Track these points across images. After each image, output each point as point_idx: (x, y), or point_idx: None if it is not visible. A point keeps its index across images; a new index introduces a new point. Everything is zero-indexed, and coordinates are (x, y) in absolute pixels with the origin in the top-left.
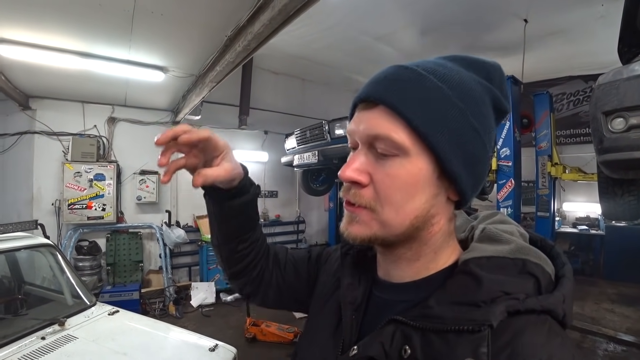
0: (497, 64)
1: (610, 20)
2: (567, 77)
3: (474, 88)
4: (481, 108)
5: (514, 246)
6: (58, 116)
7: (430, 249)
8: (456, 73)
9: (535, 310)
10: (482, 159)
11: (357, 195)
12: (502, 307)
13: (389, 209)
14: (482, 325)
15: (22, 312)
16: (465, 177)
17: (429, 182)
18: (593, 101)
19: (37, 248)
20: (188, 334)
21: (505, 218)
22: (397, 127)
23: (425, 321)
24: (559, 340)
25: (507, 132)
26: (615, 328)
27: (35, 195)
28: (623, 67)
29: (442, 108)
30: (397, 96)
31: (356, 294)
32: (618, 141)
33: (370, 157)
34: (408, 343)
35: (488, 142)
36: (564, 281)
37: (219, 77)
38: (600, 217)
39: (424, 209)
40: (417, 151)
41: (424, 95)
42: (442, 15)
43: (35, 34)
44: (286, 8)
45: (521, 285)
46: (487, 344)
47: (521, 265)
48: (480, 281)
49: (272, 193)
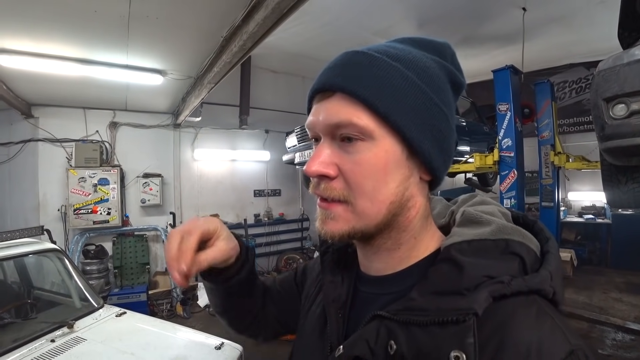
0: (447, 42)
1: (610, 6)
2: (568, 65)
3: (428, 65)
4: (438, 83)
5: (495, 227)
6: (60, 123)
7: (410, 234)
8: (408, 52)
9: (522, 291)
10: (448, 134)
11: (328, 189)
12: (486, 293)
13: (363, 198)
14: (466, 315)
15: (32, 315)
16: (435, 154)
17: (399, 164)
18: (594, 88)
19: (44, 253)
20: (194, 333)
21: (485, 199)
22: (358, 111)
23: (408, 314)
24: (549, 321)
25: (508, 122)
26: (623, 317)
27: (42, 202)
28: (623, 52)
29: (401, 87)
30: (353, 81)
31: (339, 291)
32: (620, 128)
33: (335, 148)
34: (393, 338)
35: (450, 116)
36: (549, 257)
37: (217, 78)
38: (606, 205)
39: (398, 192)
40: (382, 133)
41: (379, 76)
42: (440, 7)
43: (34, 43)
44: (279, 6)
45: (505, 267)
46: (474, 334)
47: (504, 246)
48: (461, 267)
49: (275, 192)
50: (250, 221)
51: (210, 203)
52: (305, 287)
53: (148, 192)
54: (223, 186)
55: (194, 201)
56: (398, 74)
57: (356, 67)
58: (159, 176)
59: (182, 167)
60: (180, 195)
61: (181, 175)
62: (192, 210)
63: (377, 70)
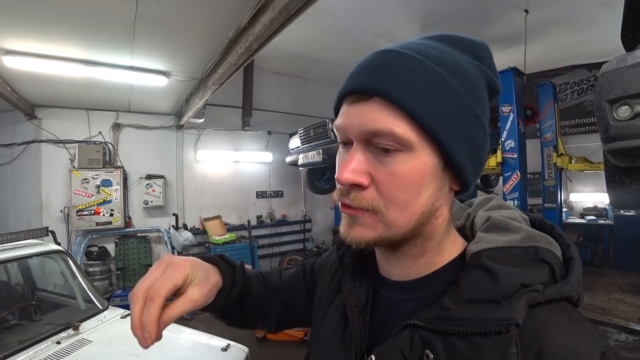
0: (485, 43)
1: (612, 7)
2: (570, 67)
3: (470, 71)
4: (479, 91)
5: (525, 234)
6: (63, 124)
7: (435, 242)
8: (450, 55)
9: (555, 299)
10: (483, 145)
11: (358, 199)
12: (524, 302)
13: (394, 209)
14: (508, 325)
15: (37, 317)
16: (469, 166)
17: (435, 176)
18: (597, 90)
19: (48, 255)
20: (200, 335)
21: (502, 202)
22: (399, 120)
23: (445, 324)
24: (580, 325)
25: (511, 124)
26: (626, 318)
27: (45, 203)
28: (627, 54)
29: (444, 96)
30: (394, 86)
31: (360, 296)
32: (624, 129)
33: (369, 156)
34: (429, 348)
35: (486, 125)
36: (574, 263)
37: (221, 80)
38: (608, 206)
39: (428, 204)
40: (422, 145)
41: (423, 82)
42: (442, 9)
43: (39, 44)
44: (287, 8)
45: (537, 275)
46: (516, 344)
47: (533, 253)
48: (495, 276)
49: (277, 193)
50: (252, 222)
51: (212, 204)
52: (318, 291)
53: (151, 193)
54: (226, 187)
55: (197, 202)
56: (442, 81)
57: (398, 71)
58: (161, 177)
59: (184, 168)
60: (183, 196)
61: (184, 176)
62: (194, 212)
63: (420, 75)
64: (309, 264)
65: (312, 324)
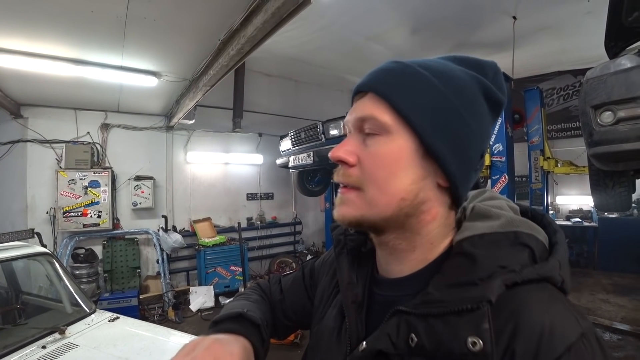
0: (493, 62)
1: (596, 15)
2: (557, 72)
3: (458, 75)
4: (466, 93)
5: (504, 220)
6: (50, 124)
7: (425, 239)
8: (442, 65)
9: (533, 279)
10: (470, 143)
11: (345, 175)
12: (499, 281)
13: (374, 187)
14: (480, 302)
15: (22, 321)
16: (449, 157)
17: (412, 162)
18: (582, 96)
19: (34, 257)
20: (189, 338)
21: (495, 194)
22: (382, 109)
23: (426, 307)
24: (560, 305)
25: (499, 128)
26: (610, 317)
27: (30, 204)
28: (610, 62)
29: (422, 89)
30: (383, 84)
31: (356, 292)
32: (607, 134)
33: (359, 140)
34: (413, 331)
35: (478, 127)
36: (558, 248)
37: (212, 81)
38: (593, 209)
39: (410, 191)
40: (399, 130)
41: (406, 80)
42: (433, 14)
43: (27, 42)
44: (279, 11)
45: (516, 257)
46: (488, 319)
47: (513, 238)
48: (474, 259)
49: (268, 195)
50: (243, 225)
51: (202, 206)
52: (318, 291)
53: (140, 195)
54: (216, 189)
55: (187, 204)
56: (423, 79)
57: (388, 73)
58: (151, 179)
59: (174, 169)
60: (172, 198)
61: (173, 178)
62: (184, 214)
63: (405, 75)
64: (309, 267)
65: (312, 323)
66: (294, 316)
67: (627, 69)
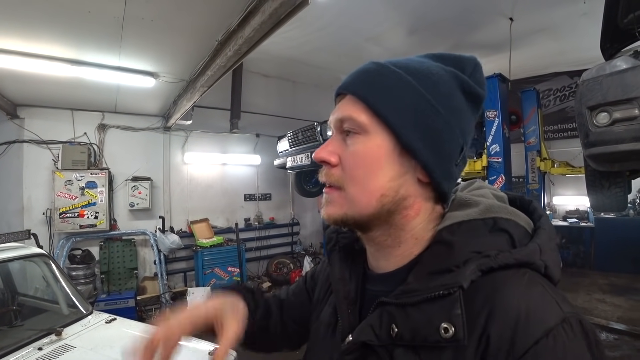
0: (472, 57)
1: (593, 17)
2: (553, 74)
3: (434, 72)
4: (443, 89)
5: (483, 207)
6: (47, 124)
7: (409, 234)
8: (419, 62)
9: (510, 264)
10: (447, 138)
11: (328, 175)
12: (473, 266)
13: (354, 185)
14: (451, 288)
15: (18, 323)
16: (426, 153)
17: (391, 159)
18: (578, 97)
19: (30, 258)
20: (186, 339)
21: (482, 184)
22: (359, 109)
23: (404, 297)
24: (539, 288)
25: (496, 129)
26: (607, 317)
27: (26, 205)
28: (606, 63)
29: (396, 87)
30: (359, 84)
31: (348, 288)
32: (603, 135)
33: (341, 140)
34: (393, 322)
35: (455, 122)
36: (539, 232)
37: (210, 82)
38: (589, 209)
39: (390, 187)
40: (376, 129)
41: (382, 80)
42: (430, 15)
43: (24, 42)
44: (277, 12)
45: (493, 243)
46: (460, 305)
47: (492, 224)
48: (451, 246)
49: (265, 196)
50: (240, 225)
51: (200, 207)
52: (316, 291)
53: (137, 195)
54: (213, 190)
55: (184, 205)
56: (398, 77)
57: (366, 74)
58: (148, 180)
59: (172, 170)
60: (169, 199)
61: (171, 178)
62: (181, 215)
63: (380, 75)
64: (310, 272)
65: (310, 322)
66: (299, 319)
67: (622, 71)
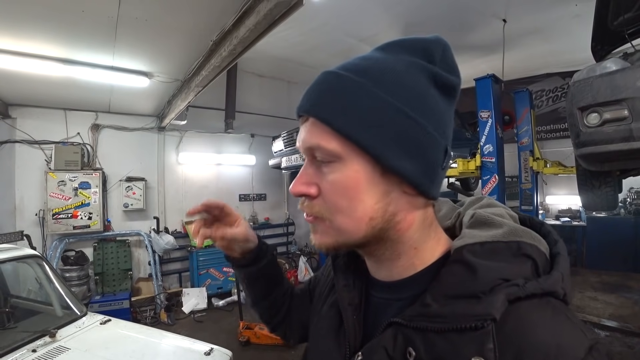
0: (437, 39)
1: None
2: (545, 75)
3: (400, 72)
4: (412, 91)
5: (507, 229)
6: (39, 124)
7: (407, 245)
8: (379, 63)
9: (537, 294)
10: (426, 143)
11: (310, 207)
12: (502, 296)
13: (339, 216)
14: (484, 321)
15: (11, 325)
16: (411, 167)
17: (373, 182)
18: (569, 98)
19: (23, 259)
20: (182, 340)
21: (493, 201)
22: (327, 135)
23: (424, 321)
24: (565, 320)
25: (489, 129)
26: (599, 315)
27: (18, 206)
28: (596, 65)
29: (364, 105)
30: (320, 106)
31: (353, 294)
32: (593, 135)
33: (315, 167)
34: (411, 345)
35: (434, 124)
36: (560, 259)
37: (204, 82)
38: (581, 208)
39: (378, 209)
40: (350, 154)
41: (344, 97)
42: (424, 16)
43: (16, 41)
44: (271, 13)
45: (518, 270)
46: (493, 339)
47: (516, 248)
48: (475, 270)
49: (260, 196)
50: None
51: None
52: (316, 293)
53: (131, 196)
54: (208, 190)
55: (178, 205)
56: (361, 91)
57: (324, 91)
58: (142, 180)
59: (166, 170)
60: (164, 199)
61: (165, 179)
62: (176, 215)
63: (342, 90)
64: (314, 276)
65: (310, 320)
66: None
67: (612, 72)
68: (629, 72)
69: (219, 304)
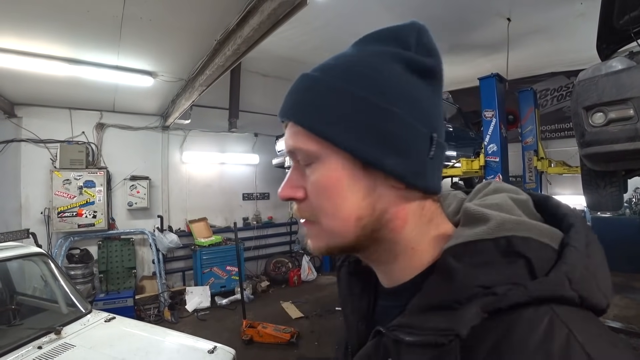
0: (412, 23)
1: (589, 18)
2: (550, 74)
3: (367, 65)
4: (385, 82)
5: (494, 222)
6: (45, 123)
7: (404, 245)
8: (348, 57)
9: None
10: (407, 135)
11: (300, 210)
12: (476, 308)
13: (326, 217)
14: (446, 337)
15: (17, 322)
16: (388, 160)
17: (354, 178)
18: (574, 97)
19: (29, 257)
20: (186, 338)
21: (499, 186)
22: (304, 137)
23: (399, 332)
24: (562, 335)
25: (493, 128)
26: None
27: (24, 204)
28: (601, 64)
29: (333, 102)
30: (294, 109)
31: (359, 303)
32: (599, 135)
33: (300, 170)
34: (389, 356)
35: (414, 113)
36: (567, 252)
37: (208, 81)
38: (585, 208)
39: (364, 207)
40: (327, 153)
41: (314, 97)
42: (428, 15)
43: (22, 41)
44: (275, 12)
45: (505, 273)
46: (456, 358)
47: (505, 245)
48: (451, 276)
49: (264, 195)
50: (239, 225)
51: (198, 206)
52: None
53: (135, 195)
54: (211, 189)
55: (182, 204)
56: (328, 89)
57: (299, 94)
58: (146, 179)
59: (170, 169)
60: (168, 198)
61: (169, 178)
62: (180, 214)
63: (313, 91)
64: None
65: None
66: None
67: (617, 71)
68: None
69: (222, 303)
